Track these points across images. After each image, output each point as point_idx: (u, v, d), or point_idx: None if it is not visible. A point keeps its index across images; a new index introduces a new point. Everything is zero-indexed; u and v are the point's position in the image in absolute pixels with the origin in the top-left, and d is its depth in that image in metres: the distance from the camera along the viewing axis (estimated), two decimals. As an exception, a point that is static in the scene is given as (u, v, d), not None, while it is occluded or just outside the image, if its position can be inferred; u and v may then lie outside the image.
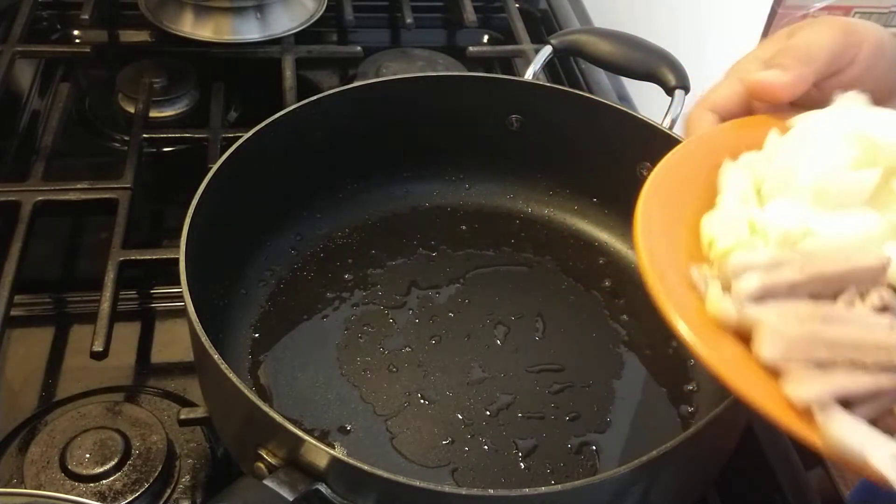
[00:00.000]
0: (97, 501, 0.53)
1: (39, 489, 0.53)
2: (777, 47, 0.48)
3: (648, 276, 0.39)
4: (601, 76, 0.95)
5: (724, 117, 0.48)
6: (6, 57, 0.83)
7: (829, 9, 1.86)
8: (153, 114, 0.85)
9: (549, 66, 0.89)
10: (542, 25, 1.07)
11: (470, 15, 0.99)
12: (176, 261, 0.51)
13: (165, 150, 0.83)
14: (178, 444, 0.58)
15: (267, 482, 0.43)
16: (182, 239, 0.52)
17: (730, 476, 0.57)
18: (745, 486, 0.60)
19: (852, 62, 0.47)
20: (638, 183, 0.43)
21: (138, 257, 0.66)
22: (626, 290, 0.68)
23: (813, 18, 0.48)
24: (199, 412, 0.56)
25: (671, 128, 0.66)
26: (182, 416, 0.56)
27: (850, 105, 0.45)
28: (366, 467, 0.42)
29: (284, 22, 0.91)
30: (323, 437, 0.56)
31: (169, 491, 0.56)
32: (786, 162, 0.43)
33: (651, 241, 0.40)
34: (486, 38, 1.07)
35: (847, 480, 0.69)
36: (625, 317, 0.66)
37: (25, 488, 0.53)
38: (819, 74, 0.47)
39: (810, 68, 0.46)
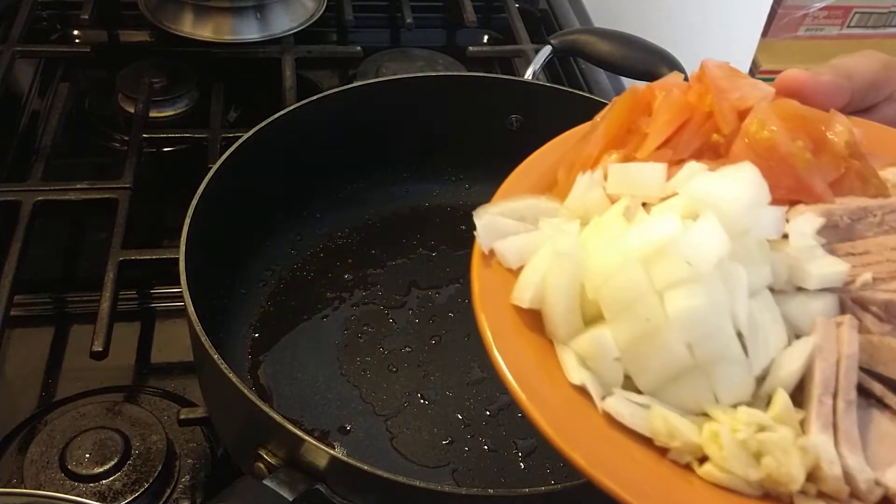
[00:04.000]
0: (97, 501, 0.53)
1: (39, 489, 0.53)
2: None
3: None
4: (601, 76, 0.95)
5: None
6: (6, 57, 0.83)
7: (829, 9, 1.87)
8: (153, 114, 0.85)
9: (549, 66, 0.89)
10: (542, 25, 1.07)
11: (470, 15, 0.99)
12: (176, 261, 0.51)
13: (165, 150, 0.83)
14: (178, 444, 0.58)
15: (267, 482, 0.43)
16: (182, 239, 0.52)
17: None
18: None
19: (890, 99, 0.45)
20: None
21: (138, 257, 0.66)
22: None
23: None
24: (199, 412, 0.56)
25: (671, 128, 0.66)
26: (182, 416, 0.56)
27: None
28: (366, 467, 0.42)
29: (284, 22, 0.91)
30: (323, 437, 0.56)
31: (169, 491, 0.56)
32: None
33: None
34: (486, 38, 1.07)
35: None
36: (625, 317, 0.66)
37: (25, 488, 0.53)
38: (856, 95, 0.44)
39: (847, 83, 0.43)
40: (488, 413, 0.58)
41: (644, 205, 0.38)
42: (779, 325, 0.35)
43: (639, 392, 0.35)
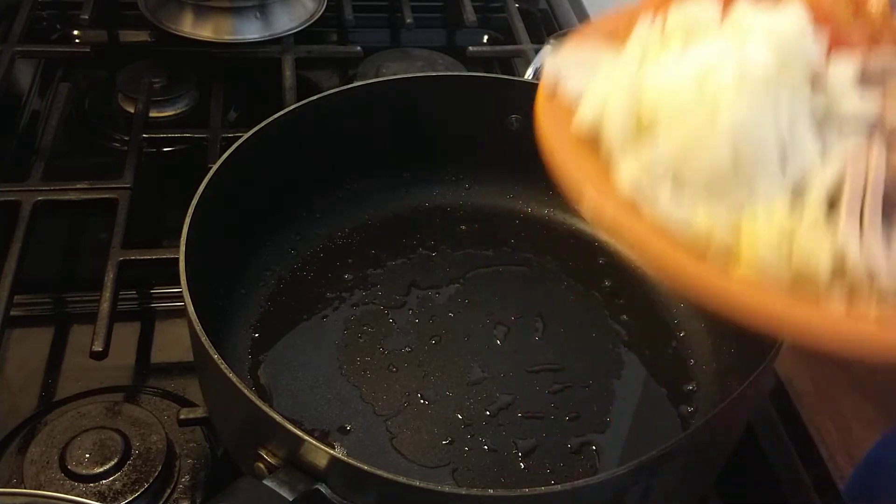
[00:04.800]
0: (97, 501, 0.53)
1: (39, 489, 0.53)
2: None
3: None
4: (601, 76, 0.95)
5: None
6: (6, 57, 0.83)
7: (829, 9, 1.86)
8: (153, 114, 0.85)
9: (549, 66, 0.89)
10: (542, 25, 1.07)
11: (470, 15, 0.99)
12: (176, 261, 0.51)
13: (165, 150, 0.83)
14: (178, 444, 0.58)
15: (267, 482, 0.43)
16: (182, 239, 0.52)
17: (730, 476, 0.57)
18: (745, 486, 0.60)
19: None
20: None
21: (138, 257, 0.66)
22: (626, 290, 0.68)
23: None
24: (199, 412, 0.56)
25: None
26: (182, 416, 0.56)
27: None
28: (366, 467, 0.42)
29: (284, 22, 0.91)
30: (323, 437, 0.56)
31: (169, 491, 0.56)
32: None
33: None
34: (485, 38, 1.07)
35: (843, 475, 0.69)
36: (625, 317, 0.66)
37: (25, 488, 0.53)
38: None
39: None
40: (488, 413, 0.58)
41: None
42: (817, 143, 0.38)
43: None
